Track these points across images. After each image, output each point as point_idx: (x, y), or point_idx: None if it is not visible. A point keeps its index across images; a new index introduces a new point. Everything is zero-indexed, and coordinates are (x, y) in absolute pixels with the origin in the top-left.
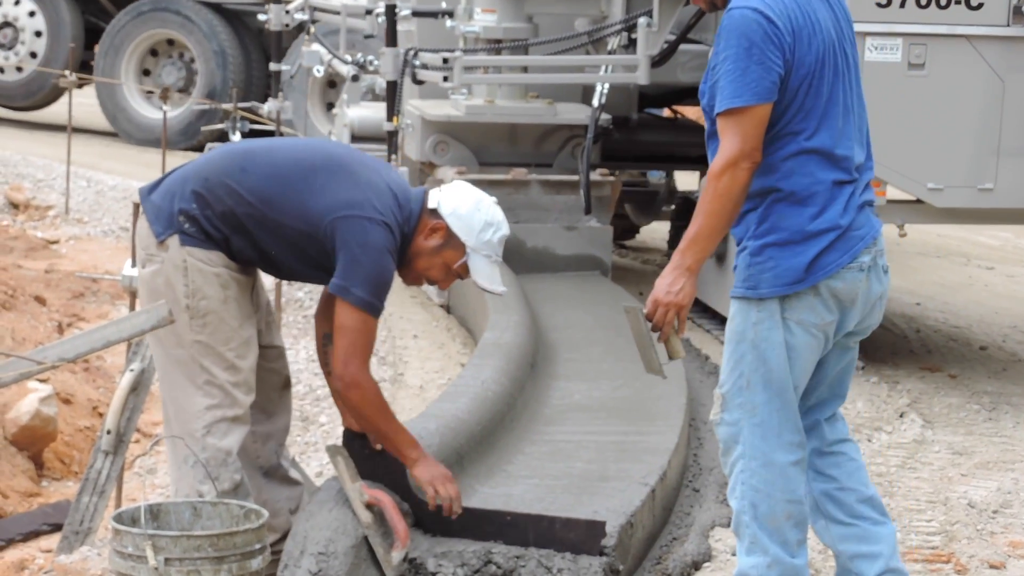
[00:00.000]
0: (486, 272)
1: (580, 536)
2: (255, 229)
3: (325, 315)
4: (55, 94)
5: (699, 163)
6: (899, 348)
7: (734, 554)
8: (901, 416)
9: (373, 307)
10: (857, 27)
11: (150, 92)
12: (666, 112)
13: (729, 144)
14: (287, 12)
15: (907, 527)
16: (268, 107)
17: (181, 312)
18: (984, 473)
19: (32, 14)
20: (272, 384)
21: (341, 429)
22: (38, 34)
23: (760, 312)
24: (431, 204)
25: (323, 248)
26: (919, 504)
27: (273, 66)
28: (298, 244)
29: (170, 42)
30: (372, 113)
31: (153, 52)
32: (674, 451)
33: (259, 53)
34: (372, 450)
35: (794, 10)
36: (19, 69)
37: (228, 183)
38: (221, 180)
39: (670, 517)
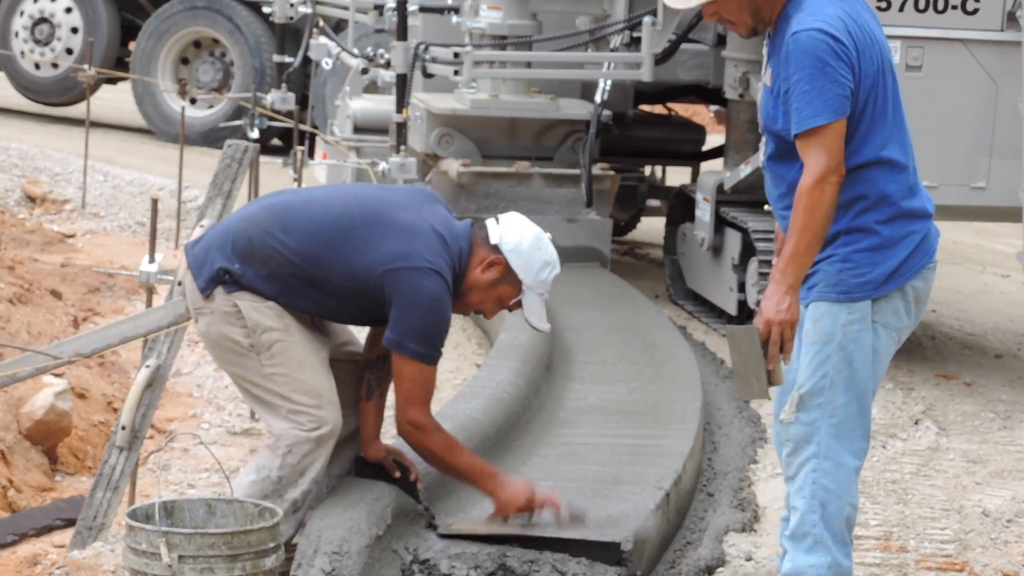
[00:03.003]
0: (537, 310)
1: (596, 556)
2: (303, 287)
3: (372, 343)
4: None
5: (691, 159)
6: (914, 355)
7: (748, 559)
8: (916, 423)
9: (429, 357)
10: None
11: (183, 88)
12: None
13: (816, 161)
14: (291, 5)
15: (921, 535)
16: (271, 98)
17: (247, 353)
18: (999, 482)
19: (69, 10)
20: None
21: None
22: (74, 30)
23: (851, 314)
24: (492, 239)
25: (376, 301)
26: (933, 512)
27: (276, 58)
28: (350, 299)
29: (201, 42)
30: (374, 105)
31: (196, 44)
32: (689, 455)
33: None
34: (387, 478)
35: (852, 25)
36: (55, 65)
37: (271, 244)
38: (264, 241)
39: (684, 521)
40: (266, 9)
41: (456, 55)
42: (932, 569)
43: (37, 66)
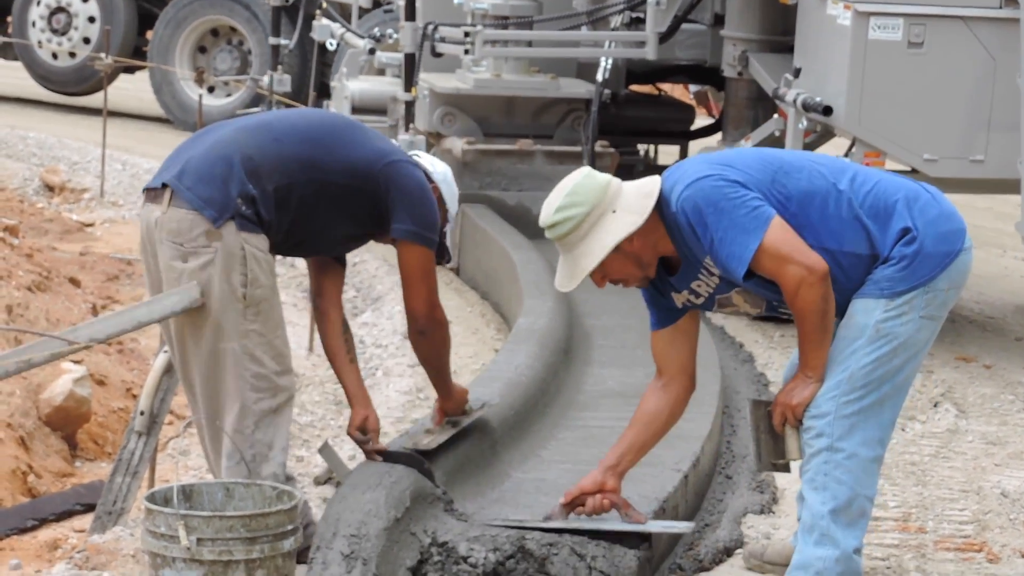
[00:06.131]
0: (447, 244)
1: (616, 539)
2: (300, 199)
3: (331, 298)
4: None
5: (679, 138)
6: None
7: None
8: (935, 406)
9: (435, 246)
10: (861, 7)
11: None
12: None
13: (785, 273)
14: None
15: (940, 516)
16: (266, 80)
17: (235, 302)
18: (1017, 463)
19: (86, 0)
20: None
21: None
22: (91, 20)
23: (887, 312)
24: (425, 167)
25: (370, 198)
26: (952, 493)
27: (272, 40)
28: (343, 199)
29: (218, 31)
30: (372, 86)
31: (213, 32)
32: (707, 438)
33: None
34: (405, 462)
35: (723, 156)
36: (72, 55)
37: (270, 157)
38: (263, 156)
39: (702, 503)
40: None
41: (466, 34)
42: (951, 550)
43: (54, 56)
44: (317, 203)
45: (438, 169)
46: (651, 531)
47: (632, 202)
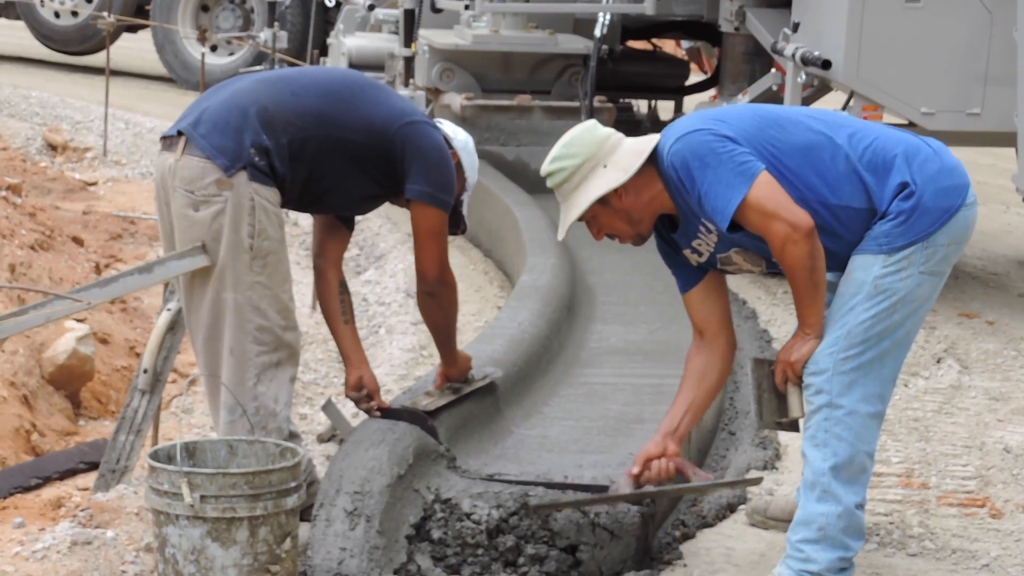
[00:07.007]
0: (463, 213)
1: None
2: (315, 153)
3: (331, 259)
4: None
5: (674, 93)
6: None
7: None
8: (938, 362)
9: (449, 208)
10: None
11: (203, 35)
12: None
13: (771, 230)
14: None
15: (943, 471)
16: (264, 36)
17: (242, 253)
18: (1020, 419)
19: None
20: None
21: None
22: None
23: (885, 267)
24: (447, 133)
25: (386, 157)
26: (955, 449)
27: None
28: (360, 157)
29: None
30: (369, 42)
31: None
32: None
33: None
34: (407, 419)
35: (712, 113)
36: (75, 14)
37: (286, 109)
38: (279, 108)
39: (706, 460)
40: None
41: None
42: (953, 505)
43: (57, 15)
44: (332, 159)
45: (459, 137)
46: (724, 483)
47: (623, 159)
